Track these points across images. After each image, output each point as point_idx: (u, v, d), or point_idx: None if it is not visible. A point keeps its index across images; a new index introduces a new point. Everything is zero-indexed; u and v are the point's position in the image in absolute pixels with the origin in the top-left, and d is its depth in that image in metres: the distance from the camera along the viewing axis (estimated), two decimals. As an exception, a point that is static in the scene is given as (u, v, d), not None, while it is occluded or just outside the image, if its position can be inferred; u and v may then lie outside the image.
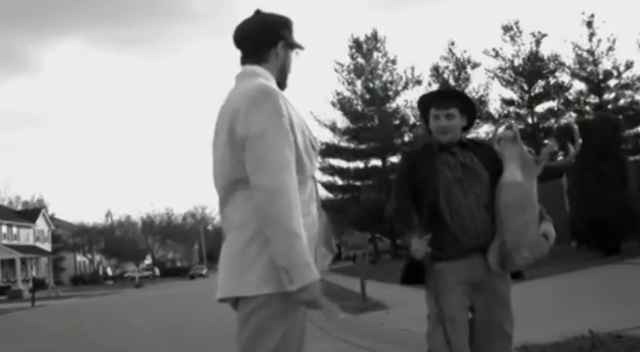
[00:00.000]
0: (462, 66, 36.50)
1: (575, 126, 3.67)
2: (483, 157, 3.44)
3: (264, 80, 2.49)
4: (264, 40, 2.60)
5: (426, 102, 3.60)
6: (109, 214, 78.78)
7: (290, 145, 2.35)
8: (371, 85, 39.30)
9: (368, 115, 39.43)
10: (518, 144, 3.38)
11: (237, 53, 2.64)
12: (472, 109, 3.62)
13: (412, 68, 39.34)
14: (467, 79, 36.13)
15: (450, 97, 3.56)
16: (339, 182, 40.39)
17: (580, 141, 3.50)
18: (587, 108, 31.41)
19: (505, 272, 3.33)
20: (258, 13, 2.65)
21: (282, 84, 2.64)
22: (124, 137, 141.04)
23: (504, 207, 3.26)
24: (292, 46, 2.65)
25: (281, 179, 2.27)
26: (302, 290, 2.25)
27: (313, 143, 2.53)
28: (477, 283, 3.32)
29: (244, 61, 2.61)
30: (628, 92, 30.98)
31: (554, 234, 3.38)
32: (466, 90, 33.53)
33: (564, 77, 32.53)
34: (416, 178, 3.42)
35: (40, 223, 61.12)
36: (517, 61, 32.92)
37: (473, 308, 3.37)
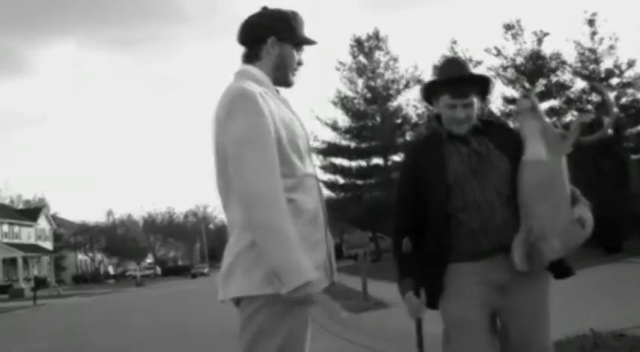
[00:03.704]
0: (463, 64, 36.41)
1: (605, 90, 3.25)
2: (500, 141, 2.93)
3: (244, 82, 2.42)
4: (252, 37, 2.55)
5: (435, 87, 3.01)
6: (110, 213, 78.90)
7: (270, 146, 2.30)
8: (372, 84, 39.25)
9: (369, 114, 39.38)
10: (538, 116, 2.86)
11: (232, 53, 2.62)
12: (488, 87, 3.06)
13: (415, 67, 39.29)
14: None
15: (467, 83, 2.93)
16: (341, 181, 40.35)
17: (615, 108, 3.08)
18: (589, 106, 31.36)
19: (533, 269, 2.75)
20: (262, 9, 2.59)
21: (283, 81, 2.58)
22: (125, 136, 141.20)
23: (527, 189, 2.77)
24: (289, 41, 2.55)
25: (258, 183, 2.23)
26: (292, 292, 2.22)
27: (301, 141, 2.47)
28: (502, 285, 2.81)
29: (242, 59, 2.58)
30: (630, 90, 30.93)
31: (592, 218, 2.83)
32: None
33: (566, 75, 32.52)
34: (422, 175, 2.93)
35: (42, 222, 61.15)
36: (519, 60, 32.87)
37: (499, 315, 2.87)
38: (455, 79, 2.91)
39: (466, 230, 2.82)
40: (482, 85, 3.01)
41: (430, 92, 3.03)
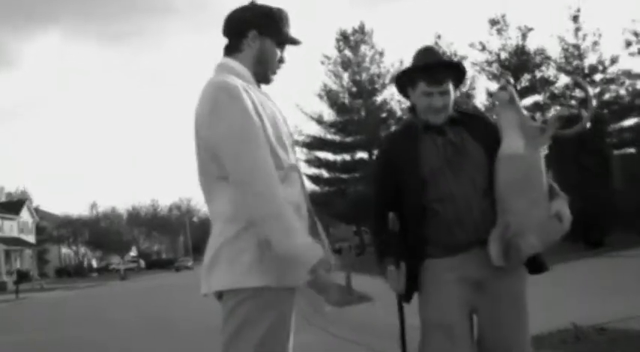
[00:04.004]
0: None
1: (586, 85, 3.18)
2: (477, 132, 2.85)
3: (226, 76, 2.41)
4: (234, 30, 2.55)
5: (410, 76, 2.91)
6: (94, 206, 78.56)
7: (263, 140, 2.31)
8: (358, 78, 39.25)
9: (355, 108, 39.39)
10: (516, 108, 2.78)
11: (220, 47, 2.61)
12: (463, 76, 3.01)
13: (400, 61, 39.33)
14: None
15: (444, 70, 2.87)
16: (325, 175, 40.37)
17: (594, 102, 2.93)
18: (573, 102, 31.55)
19: (510, 264, 2.70)
20: (250, 4, 2.58)
21: (262, 77, 2.57)
22: (109, 129, 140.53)
23: (504, 184, 2.70)
24: (271, 36, 2.54)
25: (263, 179, 2.25)
26: (308, 275, 2.26)
27: (284, 134, 2.47)
28: (479, 282, 2.74)
29: (224, 51, 2.58)
30: (613, 86, 31.16)
31: (570, 214, 2.75)
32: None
33: (550, 71, 32.70)
34: (398, 166, 2.85)
35: (24, 215, 60.69)
36: (503, 55, 33.01)
37: (476, 313, 2.80)
38: (431, 66, 2.84)
39: (441, 222, 2.75)
40: (457, 75, 2.95)
41: (405, 82, 2.94)
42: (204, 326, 9.49)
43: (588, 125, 2.84)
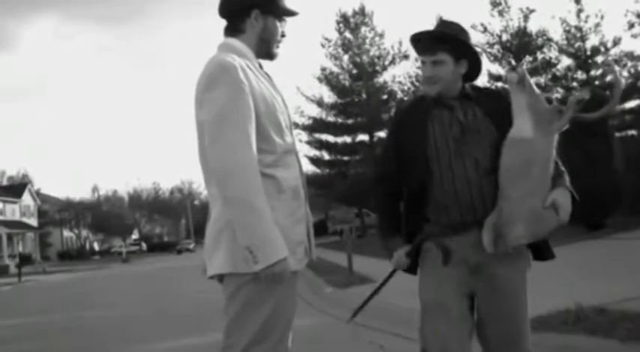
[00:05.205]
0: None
1: (615, 67, 3.12)
2: (490, 109, 2.75)
3: (227, 54, 2.40)
4: (235, 11, 2.53)
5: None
6: (95, 189, 78.57)
7: (247, 121, 2.29)
8: (358, 60, 39.10)
9: (355, 90, 39.28)
10: (527, 90, 2.63)
11: (217, 29, 2.61)
12: (473, 53, 2.84)
13: (400, 43, 39.17)
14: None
15: (437, 39, 2.77)
16: (326, 157, 40.35)
17: (622, 86, 2.76)
18: (575, 84, 31.46)
19: (499, 252, 2.63)
20: None
21: (266, 54, 2.58)
22: (109, 112, 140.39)
23: (504, 169, 2.60)
24: (272, 13, 2.53)
25: (233, 158, 2.22)
26: (266, 269, 2.22)
27: (282, 117, 2.46)
28: (476, 266, 2.70)
29: (225, 32, 2.57)
30: (615, 68, 31.10)
31: (569, 206, 2.67)
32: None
33: (552, 53, 32.57)
34: (404, 142, 2.81)
35: (26, 198, 60.78)
36: (505, 37, 32.86)
37: (475, 297, 2.75)
38: (420, 35, 2.82)
39: (439, 200, 2.70)
40: (461, 48, 2.79)
41: None
42: (205, 310, 9.52)
43: (616, 109, 2.74)
